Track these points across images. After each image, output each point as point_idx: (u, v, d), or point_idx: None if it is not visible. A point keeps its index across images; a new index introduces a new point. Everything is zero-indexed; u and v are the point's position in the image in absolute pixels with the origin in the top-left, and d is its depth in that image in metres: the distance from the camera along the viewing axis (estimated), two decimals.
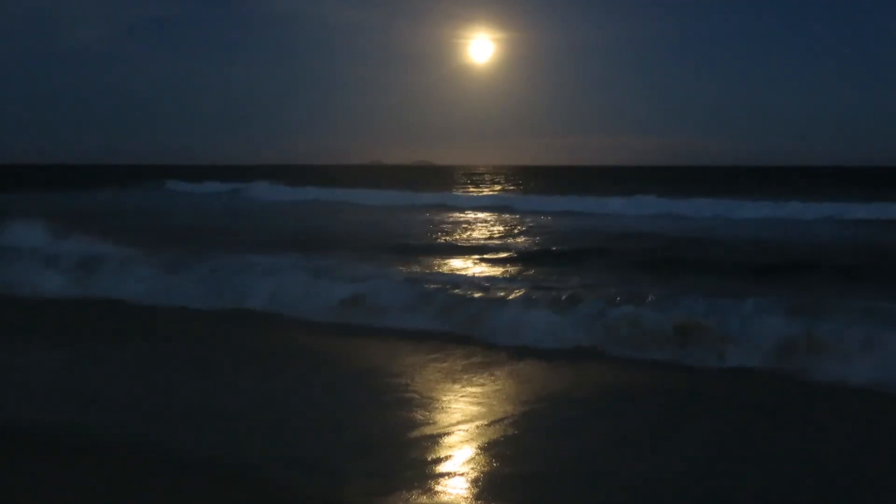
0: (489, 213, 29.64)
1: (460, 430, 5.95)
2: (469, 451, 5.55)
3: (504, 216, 28.01)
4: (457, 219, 26.84)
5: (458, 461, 5.36)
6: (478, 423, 6.12)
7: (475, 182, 73.07)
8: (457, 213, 29.54)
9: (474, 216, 28.33)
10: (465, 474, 5.13)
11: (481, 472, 5.16)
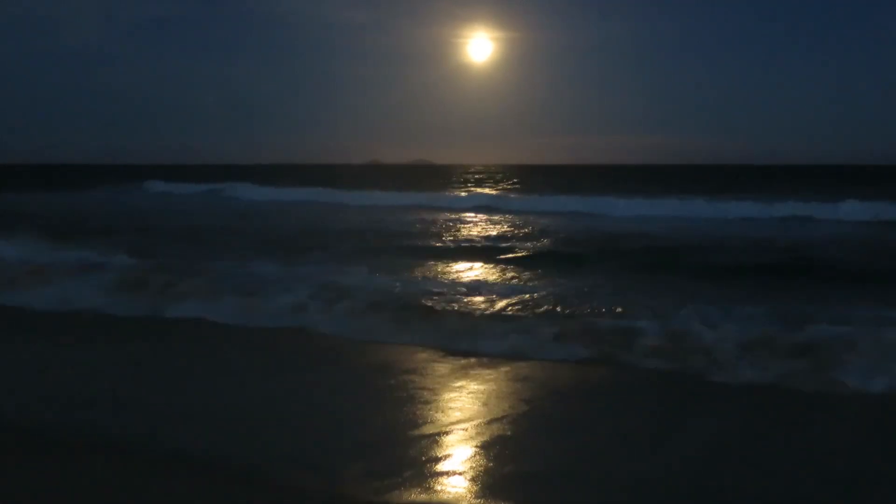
0: (483, 214, 29.13)
1: (460, 430, 5.95)
2: (469, 450, 5.56)
3: (506, 216, 27.87)
4: (447, 219, 26.34)
5: (458, 460, 5.37)
6: (477, 422, 6.13)
7: (476, 182, 72.75)
8: (448, 213, 28.88)
9: (473, 216, 28.23)
10: (465, 473, 5.14)
11: (481, 472, 5.16)
